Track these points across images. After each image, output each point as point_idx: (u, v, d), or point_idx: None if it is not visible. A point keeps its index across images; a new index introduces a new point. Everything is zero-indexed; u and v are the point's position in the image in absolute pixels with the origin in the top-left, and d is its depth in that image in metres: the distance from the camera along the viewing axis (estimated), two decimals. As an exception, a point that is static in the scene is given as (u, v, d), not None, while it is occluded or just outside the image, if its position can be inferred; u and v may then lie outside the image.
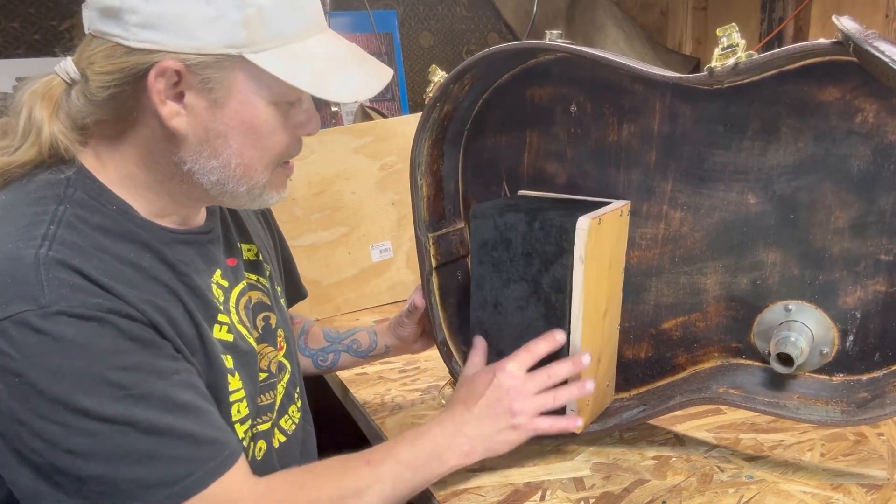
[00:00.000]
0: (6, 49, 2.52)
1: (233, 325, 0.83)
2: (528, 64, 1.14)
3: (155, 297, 0.71)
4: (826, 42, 0.82)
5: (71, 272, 0.65)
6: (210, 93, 0.71)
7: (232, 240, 0.91)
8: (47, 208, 0.70)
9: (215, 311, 0.80)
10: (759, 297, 1.06)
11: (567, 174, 1.17)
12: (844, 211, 0.97)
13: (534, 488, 1.02)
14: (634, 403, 1.15)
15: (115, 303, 0.67)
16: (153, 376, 0.67)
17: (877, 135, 0.92)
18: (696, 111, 1.02)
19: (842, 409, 0.99)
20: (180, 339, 0.72)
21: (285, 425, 0.95)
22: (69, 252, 0.67)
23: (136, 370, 0.66)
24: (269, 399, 0.92)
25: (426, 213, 1.21)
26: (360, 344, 1.14)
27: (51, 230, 0.68)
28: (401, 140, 1.94)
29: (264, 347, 0.92)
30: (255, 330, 0.90)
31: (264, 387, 0.91)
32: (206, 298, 0.79)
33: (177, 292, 0.74)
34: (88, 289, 0.66)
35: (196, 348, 0.75)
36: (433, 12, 3.22)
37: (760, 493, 0.98)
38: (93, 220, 0.72)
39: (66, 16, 2.64)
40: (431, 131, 1.16)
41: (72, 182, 0.74)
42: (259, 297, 0.93)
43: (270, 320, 0.94)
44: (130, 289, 0.69)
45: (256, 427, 0.88)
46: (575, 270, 1.00)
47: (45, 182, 0.74)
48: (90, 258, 0.68)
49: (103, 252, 0.70)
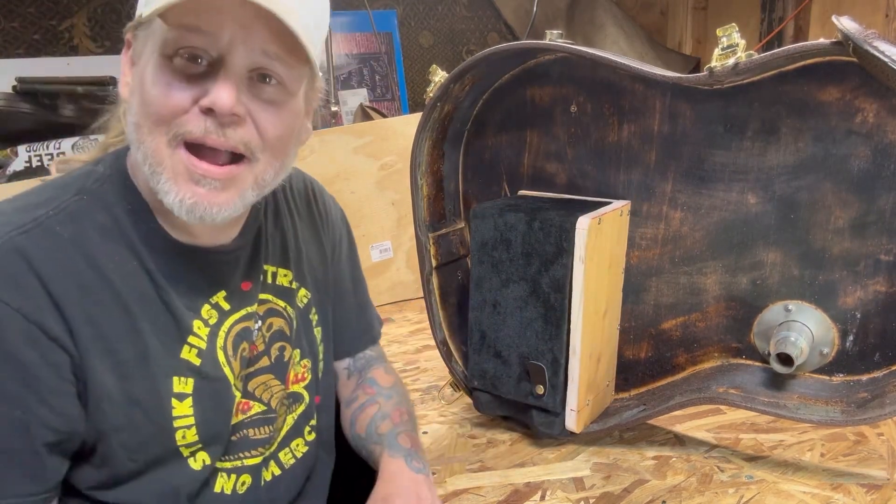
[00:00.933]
0: (6, 49, 2.52)
1: (207, 350, 0.80)
2: (528, 64, 1.14)
3: (96, 307, 0.70)
4: (826, 42, 0.82)
5: (19, 260, 0.66)
6: (136, 56, 0.70)
7: (257, 263, 0.87)
8: (63, 195, 0.71)
9: (185, 332, 0.77)
10: (758, 297, 1.06)
11: (567, 174, 1.17)
12: (844, 211, 0.97)
13: (534, 488, 1.02)
14: (634, 403, 1.15)
15: (32, 304, 0.66)
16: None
17: (876, 135, 0.92)
18: (696, 111, 1.02)
19: (842, 409, 0.99)
20: (105, 356, 0.71)
21: (284, 459, 0.91)
22: (40, 240, 0.67)
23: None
24: (264, 433, 0.88)
25: (426, 213, 1.21)
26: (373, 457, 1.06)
27: (48, 214, 0.69)
28: (401, 140, 1.94)
29: (269, 379, 0.89)
30: (267, 358, 0.88)
31: (257, 420, 0.88)
32: (177, 316, 0.76)
33: (129, 307, 0.72)
34: (19, 281, 0.66)
35: (131, 366, 0.73)
36: (433, 12, 3.22)
37: (760, 493, 0.98)
38: (97, 217, 0.72)
39: (65, 16, 2.64)
40: (432, 131, 1.16)
41: (101, 177, 0.74)
42: (280, 325, 0.90)
43: (285, 352, 0.90)
44: (74, 294, 0.69)
45: (242, 461, 0.85)
46: (575, 270, 1.00)
47: (83, 172, 0.75)
48: (57, 252, 0.68)
49: (81, 250, 0.70)
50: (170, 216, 0.74)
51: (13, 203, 0.72)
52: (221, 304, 0.81)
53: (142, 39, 0.69)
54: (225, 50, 0.65)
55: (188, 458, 0.78)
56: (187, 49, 0.65)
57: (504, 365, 1.11)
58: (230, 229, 0.81)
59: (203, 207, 0.68)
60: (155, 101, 0.66)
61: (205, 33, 0.64)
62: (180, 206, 0.67)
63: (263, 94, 0.68)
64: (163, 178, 0.68)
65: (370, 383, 1.05)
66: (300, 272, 0.92)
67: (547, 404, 1.07)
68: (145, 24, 0.67)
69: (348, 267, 1.04)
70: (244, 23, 0.64)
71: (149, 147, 0.68)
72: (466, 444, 1.16)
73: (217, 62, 0.66)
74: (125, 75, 0.72)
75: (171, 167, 0.67)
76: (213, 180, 0.68)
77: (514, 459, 1.10)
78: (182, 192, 0.67)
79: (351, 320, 1.05)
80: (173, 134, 0.67)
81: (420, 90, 3.12)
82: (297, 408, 0.92)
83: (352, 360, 1.07)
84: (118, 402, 0.72)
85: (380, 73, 3.00)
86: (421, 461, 0.91)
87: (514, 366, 1.10)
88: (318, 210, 0.99)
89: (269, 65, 0.67)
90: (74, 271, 0.69)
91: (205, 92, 0.65)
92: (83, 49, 2.66)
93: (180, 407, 0.76)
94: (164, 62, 0.66)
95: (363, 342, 1.07)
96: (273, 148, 0.71)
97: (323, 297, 0.98)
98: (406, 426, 0.97)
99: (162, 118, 0.66)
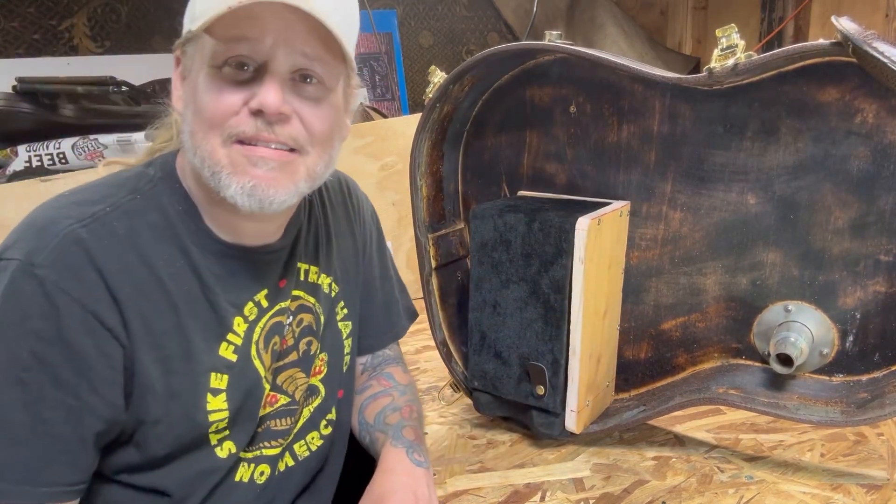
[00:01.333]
0: (6, 49, 2.52)
1: (243, 346, 0.83)
2: (527, 65, 1.14)
3: (147, 303, 0.73)
4: (825, 43, 0.82)
5: (80, 252, 0.69)
6: (187, 71, 0.75)
7: (293, 260, 0.90)
8: (118, 193, 0.75)
9: (226, 330, 0.81)
10: (758, 298, 1.06)
11: (567, 175, 1.17)
12: (844, 211, 0.97)
13: (534, 489, 1.02)
14: (634, 404, 1.15)
15: (90, 294, 0.69)
16: (51, 378, 0.68)
17: (876, 135, 0.92)
18: (696, 111, 1.02)
19: (841, 409, 0.99)
20: (152, 350, 0.74)
21: (299, 450, 0.94)
22: (100, 234, 0.71)
23: (44, 362, 0.67)
24: (285, 425, 0.91)
25: (426, 213, 1.21)
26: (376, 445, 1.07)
27: (105, 211, 0.73)
28: (401, 140, 1.94)
29: (295, 372, 0.91)
30: (296, 352, 0.90)
31: (282, 412, 0.90)
32: (220, 314, 0.80)
33: (176, 305, 0.75)
34: (79, 272, 0.69)
35: (174, 361, 0.76)
36: (433, 12, 3.22)
37: (760, 494, 0.98)
38: (150, 217, 0.76)
39: (65, 16, 2.64)
40: (431, 132, 1.16)
41: (153, 179, 0.78)
42: (310, 320, 0.92)
43: (312, 345, 0.93)
44: (129, 289, 0.72)
45: (262, 451, 0.88)
46: (574, 271, 1.00)
47: (136, 173, 0.79)
48: (115, 247, 0.72)
49: (135, 247, 0.73)
50: (218, 217, 0.79)
51: (69, 198, 0.75)
52: (262, 301, 0.84)
53: (190, 55, 0.74)
54: (268, 55, 0.70)
55: (215, 447, 0.81)
56: (234, 58, 0.70)
57: (504, 366, 1.11)
58: (275, 229, 0.85)
59: (262, 190, 0.72)
60: (207, 107, 0.71)
61: (249, 41, 0.69)
62: (241, 192, 0.72)
63: (305, 92, 0.73)
64: (223, 175, 0.72)
65: (387, 377, 1.08)
66: (330, 266, 0.95)
67: (547, 405, 1.07)
68: (193, 40, 0.73)
69: (377, 263, 1.07)
70: (283, 27, 0.69)
71: (205, 150, 0.72)
72: (466, 444, 1.16)
73: (262, 67, 0.71)
74: (177, 89, 0.78)
75: (229, 161, 0.72)
76: (269, 161, 0.73)
77: (514, 460, 1.10)
78: (241, 179, 0.72)
79: (376, 317, 1.08)
80: (227, 134, 0.72)
81: (420, 90, 3.12)
82: (313, 401, 0.95)
83: (371, 357, 1.09)
84: (160, 395, 0.75)
85: (380, 74, 3.00)
86: (422, 454, 0.93)
87: (514, 366, 1.10)
88: (352, 204, 1.02)
89: (310, 65, 0.72)
90: (129, 266, 0.72)
91: (253, 94, 0.71)
92: (83, 49, 2.67)
93: (214, 401, 0.79)
94: (213, 72, 0.71)
95: (385, 339, 1.10)
96: (320, 142, 0.76)
97: (353, 290, 1.01)
98: (414, 422, 0.99)
99: (215, 121, 0.71)
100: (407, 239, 1.91)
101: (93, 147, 1.90)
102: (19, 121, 2.07)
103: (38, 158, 1.95)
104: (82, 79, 2.15)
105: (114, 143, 1.89)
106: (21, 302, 0.66)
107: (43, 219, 0.71)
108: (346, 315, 0.99)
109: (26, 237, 0.69)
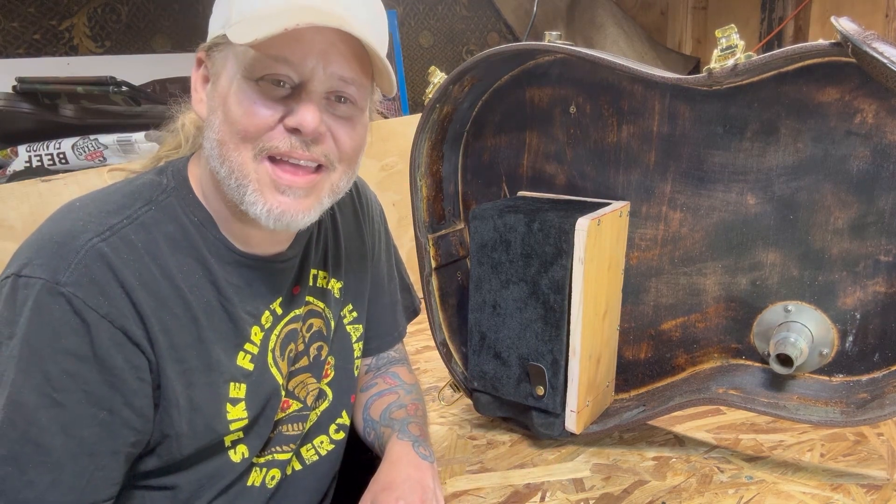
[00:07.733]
0: (6, 49, 2.52)
1: (259, 354, 0.82)
2: (527, 65, 1.14)
3: (169, 316, 0.73)
4: (825, 43, 0.82)
5: (104, 267, 0.68)
6: (214, 76, 0.75)
7: (306, 267, 0.90)
8: (134, 204, 0.75)
9: (243, 340, 0.80)
10: (758, 298, 1.06)
11: (566, 175, 1.17)
12: (844, 211, 0.97)
13: (534, 490, 1.02)
14: (634, 404, 1.15)
15: (117, 310, 0.68)
16: (85, 395, 0.67)
17: (876, 135, 0.92)
18: (696, 112, 1.02)
19: (841, 409, 0.99)
20: (175, 363, 0.73)
21: (306, 454, 0.93)
22: (120, 249, 0.70)
23: (78, 379, 0.66)
24: (297, 430, 0.91)
25: (426, 214, 1.21)
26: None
27: (122, 224, 0.72)
28: (401, 140, 1.93)
29: (307, 377, 0.91)
30: (307, 357, 0.90)
31: (294, 417, 0.90)
32: (238, 324, 0.79)
33: (196, 318, 0.75)
34: (105, 288, 0.68)
35: (196, 374, 0.76)
36: (433, 12, 3.22)
37: (760, 494, 0.98)
38: (166, 228, 0.75)
39: (65, 16, 2.64)
40: (431, 132, 1.16)
41: (167, 190, 0.78)
42: (320, 325, 0.92)
43: (322, 350, 0.93)
44: (152, 303, 0.71)
45: (274, 455, 0.88)
46: (574, 271, 1.00)
47: (148, 182, 0.79)
48: (136, 261, 0.71)
49: (155, 260, 0.73)
50: (233, 227, 0.79)
51: (83, 208, 0.74)
52: (277, 309, 0.85)
53: (219, 60, 0.74)
54: (307, 76, 0.71)
55: (229, 449, 0.82)
56: (273, 76, 0.70)
57: (504, 366, 1.11)
58: (287, 238, 0.86)
59: (290, 215, 0.74)
60: (241, 120, 0.71)
61: (290, 63, 0.70)
62: (268, 215, 0.73)
63: (339, 111, 0.75)
64: (249, 190, 0.73)
65: (392, 376, 1.08)
66: (339, 269, 0.95)
67: (547, 405, 1.08)
68: (224, 45, 0.72)
69: (385, 262, 1.07)
70: (326, 47, 0.70)
71: (235, 162, 0.72)
72: (466, 445, 1.16)
73: (300, 86, 0.72)
74: (198, 92, 0.77)
75: (257, 179, 0.73)
76: (297, 189, 0.74)
77: (514, 461, 1.10)
78: (269, 203, 0.73)
79: (383, 318, 1.08)
80: (260, 148, 0.72)
81: (420, 90, 3.12)
82: (321, 404, 0.95)
83: (375, 359, 1.09)
84: (183, 409, 0.75)
85: (380, 74, 2.99)
86: (428, 449, 0.93)
87: (513, 367, 1.10)
88: (360, 204, 1.02)
89: (345, 88, 0.73)
90: (150, 279, 0.72)
91: (289, 111, 0.72)
92: (83, 49, 2.66)
93: (234, 411, 0.80)
94: (248, 84, 0.71)
95: (390, 341, 1.10)
96: (349, 158, 0.78)
97: (361, 293, 1.01)
98: (419, 419, 1.00)
99: (249, 135, 0.72)
100: (407, 239, 1.91)
101: (93, 147, 1.90)
102: (19, 121, 2.06)
103: (38, 158, 1.95)
104: (82, 79, 2.15)
105: (114, 143, 1.89)
106: (51, 322, 0.65)
107: (60, 233, 0.70)
108: (356, 318, 0.99)
109: (46, 253, 0.68)
